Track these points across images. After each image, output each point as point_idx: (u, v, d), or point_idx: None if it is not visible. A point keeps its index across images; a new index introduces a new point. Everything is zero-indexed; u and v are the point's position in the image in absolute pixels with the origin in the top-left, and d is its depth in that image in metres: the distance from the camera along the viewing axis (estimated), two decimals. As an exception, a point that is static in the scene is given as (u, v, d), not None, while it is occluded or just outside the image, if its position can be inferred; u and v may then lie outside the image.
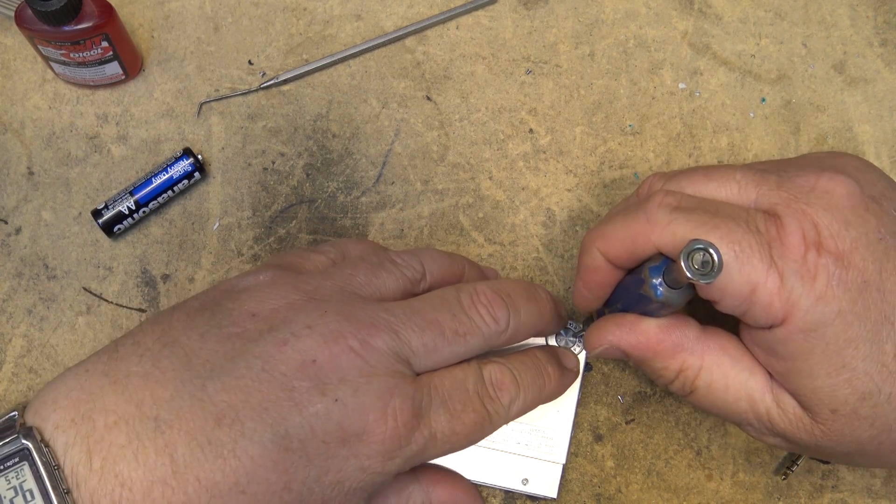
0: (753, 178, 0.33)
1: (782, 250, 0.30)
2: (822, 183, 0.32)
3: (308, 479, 0.28)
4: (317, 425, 0.28)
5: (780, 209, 0.31)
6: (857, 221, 0.31)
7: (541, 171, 0.46)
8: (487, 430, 0.32)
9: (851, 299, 0.30)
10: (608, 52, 0.48)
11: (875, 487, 0.42)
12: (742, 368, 0.33)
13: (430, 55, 0.47)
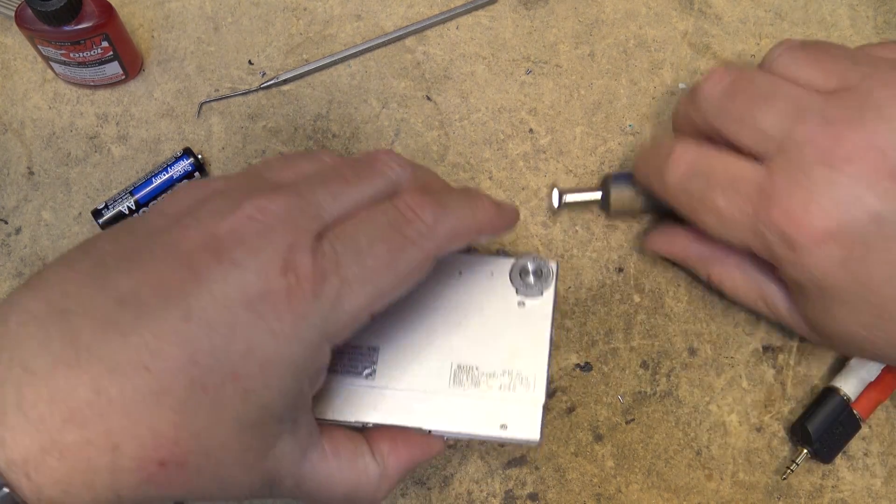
0: (776, 132, 0.34)
1: (768, 220, 0.34)
2: (837, 152, 0.32)
3: (214, 350, 0.27)
4: (216, 291, 0.27)
5: (780, 179, 0.33)
6: (853, 202, 0.32)
7: (541, 171, 0.46)
8: (413, 255, 0.30)
9: (830, 270, 0.33)
10: (608, 52, 0.48)
11: (875, 487, 0.42)
12: (755, 279, 0.38)
13: (430, 55, 0.47)
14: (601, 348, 0.44)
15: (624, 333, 0.44)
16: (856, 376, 0.42)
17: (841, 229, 0.32)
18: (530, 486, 0.42)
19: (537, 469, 0.42)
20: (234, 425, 0.28)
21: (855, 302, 0.32)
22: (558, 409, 0.43)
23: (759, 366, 0.44)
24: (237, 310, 0.27)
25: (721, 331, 0.44)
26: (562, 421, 0.43)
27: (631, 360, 0.43)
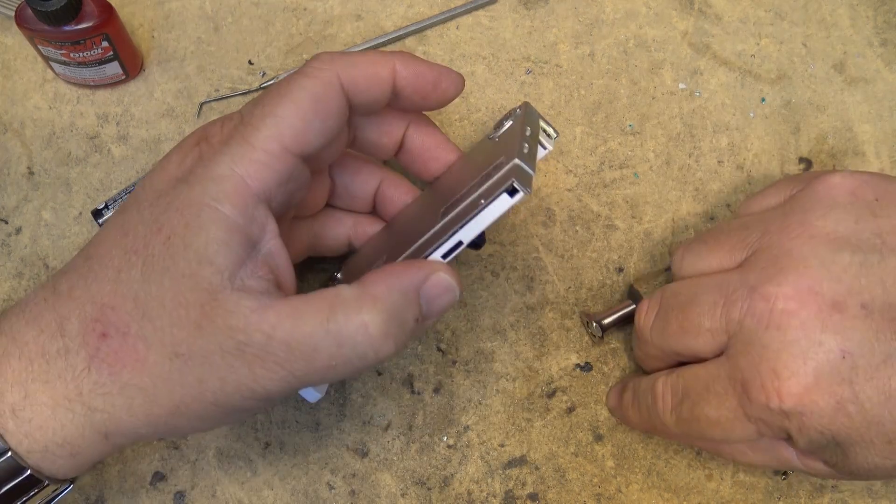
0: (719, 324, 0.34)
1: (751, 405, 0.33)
2: (775, 316, 0.32)
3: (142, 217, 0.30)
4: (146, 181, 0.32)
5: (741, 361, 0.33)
6: (814, 350, 0.32)
7: (541, 171, 0.46)
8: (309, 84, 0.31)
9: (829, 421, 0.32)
10: (608, 52, 0.48)
11: (875, 487, 0.42)
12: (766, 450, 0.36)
13: (430, 55, 0.47)
14: (601, 348, 0.44)
15: (624, 333, 0.44)
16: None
17: (819, 380, 0.32)
18: (530, 486, 0.42)
19: (537, 469, 0.42)
20: (164, 278, 0.29)
21: (867, 438, 0.32)
22: (558, 409, 0.43)
23: (759, 366, 0.44)
24: (161, 183, 0.31)
25: (721, 331, 0.44)
26: (562, 421, 0.43)
27: (631, 360, 0.43)
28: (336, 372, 0.29)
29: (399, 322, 0.29)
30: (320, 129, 0.31)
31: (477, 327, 0.43)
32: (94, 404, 0.29)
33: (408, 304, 0.30)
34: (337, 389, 0.42)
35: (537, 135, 0.36)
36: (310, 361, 0.28)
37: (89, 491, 0.41)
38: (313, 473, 0.41)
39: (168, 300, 0.29)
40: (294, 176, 0.31)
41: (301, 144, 0.31)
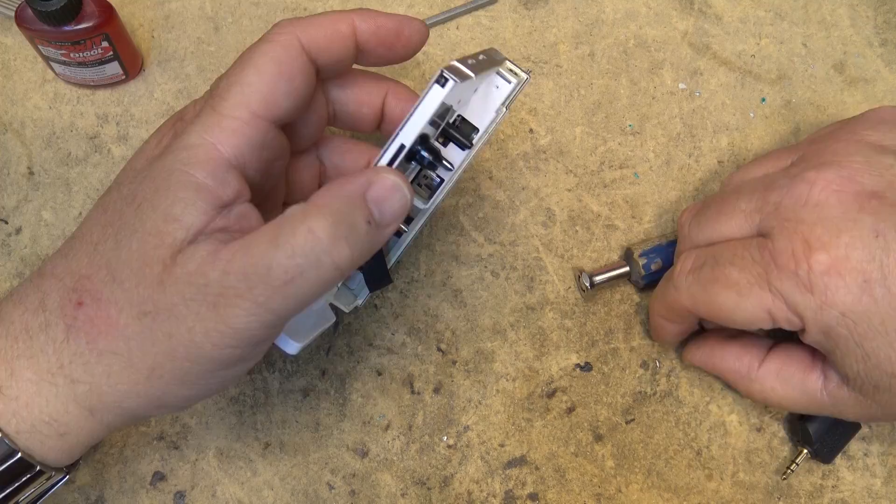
0: (755, 205, 0.36)
1: (778, 272, 0.33)
2: (814, 194, 0.34)
3: (120, 192, 0.31)
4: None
5: (775, 232, 0.34)
6: (849, 226, 0.33)
7: (541, 171, 0.46)
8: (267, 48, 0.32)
9: (853, 300, 0.32)
10: (608, 52, 0.48)
11: (875, 487, 0.42)
12: (797, 378, 0.37)
13: (430, 55, 0.47)
14: (601, 348, 0.44)
15: (624, 333, 0.44)
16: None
17: (849, 254, 0.32)
18: (530, 486, 0.42)
19: (537, 469, 0.42)
20: (133, 240, 0.29)
21: (886, 326, 0.32)
22: (558, 409, 0.43)
23: (759, 366, 0.44)
24: (140, 163, 0.32)
25: (721, 331, 0.44)
26: (562, 421, 0.43)
27: (631, 360, 0.43)
28: (298, 289, 0.28)
29: (348, 225, 0.28)
30: (287, 91, 0.31)
31: (477, 327, 0.43)
32: (74, 375, 0.29)
33: (353, 207, 0.29)
34: (337, 389, 0.42)
35: (494, 62, 0.36)
36: (267, 282, 0.28)
37: (89, 491, 0.41)
38: (313, 473, 0.41)
39: (134, 261, 0.29)
40: (268, 142, 0.31)
41: (270, 108, 0.31)
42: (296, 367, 0.43)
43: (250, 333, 0.28)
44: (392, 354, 0.43)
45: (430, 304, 0.44)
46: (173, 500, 0.41)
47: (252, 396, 0.42)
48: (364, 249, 0.29)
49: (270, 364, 0.43)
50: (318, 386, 0.42)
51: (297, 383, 0.42)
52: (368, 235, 0.29)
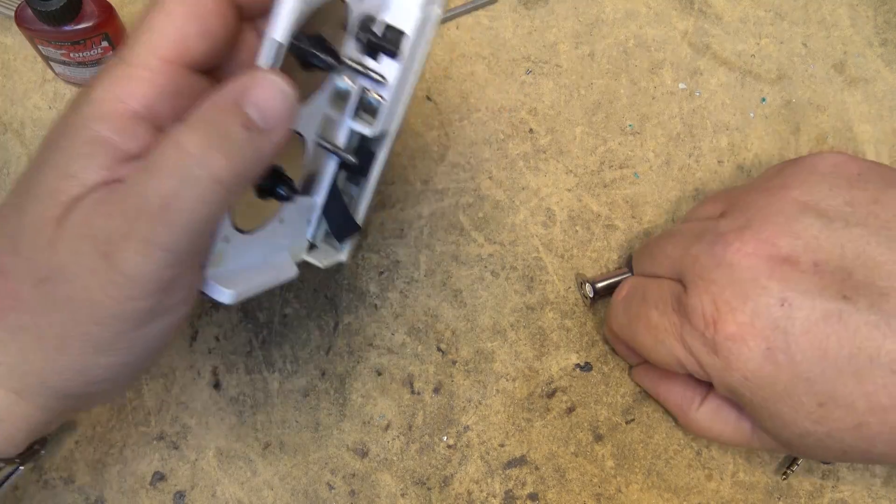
0: (679, 253, 0.37)
1: (690, 328, 0.34)
2: (728, 255, 0.34)
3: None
4: None
5: (689, 288, 0.35)
6: (757, 292, 0.33)
7: (541, 171, 0.46)
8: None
9: (756, 366, 0.33)
10: (608, 52, 0.48)
11: (875, 487, 0.42)
12: (732, 419, 0.38)
13: (429, 55, 0.47)
14: (601, 348, 0.44)
15: (624, 333, 0.44)
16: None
17: (755, 321, 0.32)
18: (530, 486, 0.42)
19: (537, 469, 0.42)
20: (29, 204, 0.27)
21: (794, 394, 0.33)
22: (558, 409, 0.43)
23: (759, 366, 0.44)
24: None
25: (721, 331, 0.44)
26: (562, 421, 0.43)
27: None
28: (179, 214, 0.25)
29: (220, 133, 0.26)
30: (200, 32, 0.28)
31: (477, 327, 0.43)
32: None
33: (226, 113, 0.26)
34: (336, 389, 0.42)
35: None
36: (146, 213, 0.25)
37: (89, 491, 0.41)
38: (313, 473, 0.41)
39: (30, 226, 0.27)
40: (184, 89, 0.28)
41: (182, 53, 0.28)
42: (296, 367, 0.43)
43: (146, 278, 0.26)
44: (392, 354, 0.43)
45: (430, 304, 0.44)
46: (173, 500, 0.41)
47: (252, 396, 0.42)
48: (248, 158, 0.26)
49: (270, 364, 0.43)
50: (318, 386, 0.42)
51: (297, 383, 0.42)
52: (250, 142, 0.26)
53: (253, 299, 0.43)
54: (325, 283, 0.44)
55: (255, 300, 0.43)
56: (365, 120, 0.34)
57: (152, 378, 0.42)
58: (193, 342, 0.43)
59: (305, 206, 0.36)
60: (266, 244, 0.33)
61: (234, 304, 0.31)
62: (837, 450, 0.34)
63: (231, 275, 0.31)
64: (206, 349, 0.42)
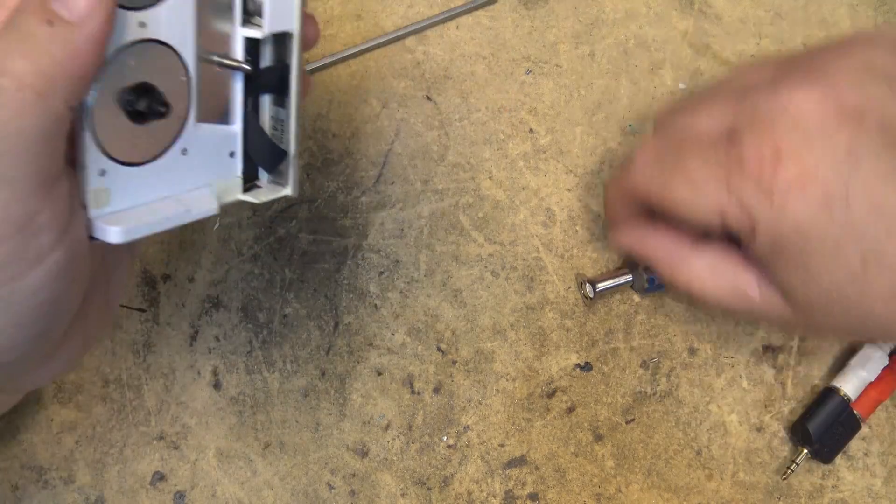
0: (731, 106, 0.35)
1: (741, 173, 0.33)
2: (794, 103, 0.33)
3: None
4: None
5: (746, 134, 0.33)
6: (824, 140, 0.32)
7: (541, 171, 0.46)
8: None
9: (812, 214, 0.32)
10: (608, 52, 0.48)
11: (875, 487, 0.42)
12: (731, 273, 0.36)
13: (430, 55, 0.47)
14: (601, 348, 0.44)
15: (624, 333, 0.44)
16: (856, 376, 0.42)
17: (818, 168, 0.31)
18: (530, 486, 0.42)
19: (537, 469, 0.42)
20: None
21: (838, 247, 0.32)
22: (558, 409, 0.43)
23: (759, 366, 0.44)
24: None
25: (721, 331, 0.44)
26: (562, 421, 0.43)
27: (631, 360, 0.43)
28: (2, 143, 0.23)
29: (19, 35, 0.24)
30: None
31: (477, 327, 0.43)
32: None
33: (24, 14, 0.24)
34: (336, 389, 0.42)
35: None
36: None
37: (89, 491, 0.41)
38: (313, 473, 0.41)
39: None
40: None
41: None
42: (296, 367, 0.43)
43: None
44: (392, 354, 0.43)
45: (430, 304, 0.44)
46: (173, 500, 0.41)
47: (252, 396, 0.42)
48: (57, 56, 0.24)
49: (270, 364, 0.43)
50: (318, 386, 0.42)
51: (297, 383, 0.42)
52: (56, 37, 0.24)
53: (253, 299, 0.43)
54: (325, 283, 0.44)
55: (255, 300, 0.43)
56: (256, 24, 0.31)
57: (152, 378, 0.42)
58: (193, 342, 0.43)
59: (220, 136, 0.32)
60: (171, 179, 0.30)
61: (126, 241, 0.28)
62: (864, 313, 0.33)
63: (126, 215, 0.28)
64: (206, 349, 0.43)
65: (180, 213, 0.29)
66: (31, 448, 0.41)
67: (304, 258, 0.44)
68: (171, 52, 0.28)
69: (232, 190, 0.32)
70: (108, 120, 0.27)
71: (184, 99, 0.29)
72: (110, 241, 0.27)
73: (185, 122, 0.30)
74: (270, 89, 0.33)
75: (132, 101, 0.27)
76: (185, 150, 0.30)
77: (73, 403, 0.42)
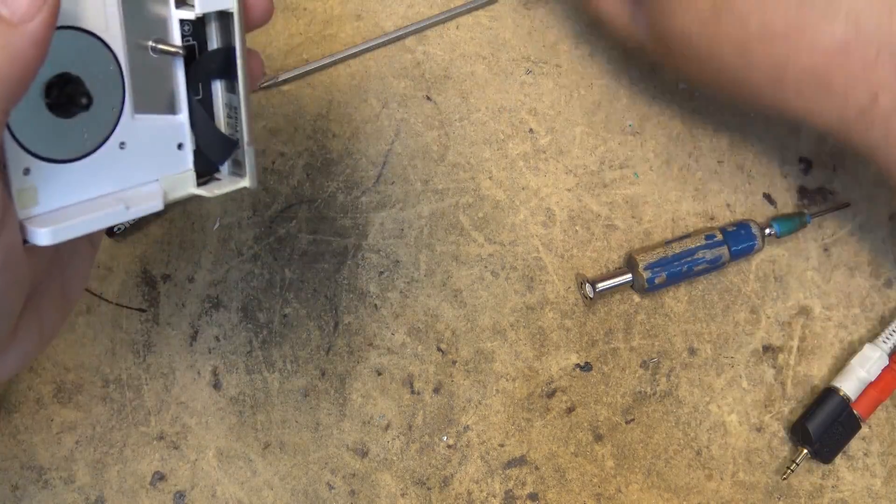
0: None
1: None
2: None
3: None
4: None
5: None
6: None
7: (541, 171, 0.46)
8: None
9: None
10: (608, 52, 0.48)
11: (875, 487, 0.42)
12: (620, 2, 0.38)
13: (430, 55, 0.47)
14: (601, 348, 0.44)
15: (624, 333, 0.44)
16: (855, 376, 0.42)
17: None
18: (530, 486, 0.42)
19: (537, 469, 0.42)
20: None
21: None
22: (558, 409, 0.43)
23: (759, 366, 0.44)
24: None
25: (721, 331, 0.44)
26: (562, 421, 0.43)
27: (631, 360, 0.43)
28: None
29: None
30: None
31: (477, 327, 0.43)
32: None
33: None
34: (336, 389, 0.42)
35: None
36: None
37: (89, 491, 0.41)
38: (313, 473, 0.41)
39: None
40: None
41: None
42: (296, 367, 0.43)
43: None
44: (392, 354, 0.43)
45: (430, 304, 0.44)
46: (173, 500, 0.41)
47: (252, 396, 0.42)
48: (2, 63, 0.22)
49: (270, 364, 0.43)
50: (318, 386, 0.42)
51: (297, 383, 0.42)
52: (16, 36, 0.22)
53: (253, 299, 0.43)
54: (325, 283, 0.44)
55: (255, 300, 0.43)
56: (190, 5, 0.29)
57: (152, 378, 0.42)
58: (193, 342, 0.43)
59: (164, 127, 0.30)
60: (110, 175, 0.28)
61: (55, 243, 0.26)
62: (715, 63, 0.33)
63: (56, 214, 0.27)
64: (206, 349, 0.43)
65: (119, 212, 0.28)
66: (31, 448, 0.41)
67: (304, 258, 0.44)
68: (94, 40, 0.27)
69: (184, 184, 0.30)
70: (28, 114, 0.25)
71: (116, 89, 0.27)
72: (38, 243, 0.26)
73: (120, 114, 0.28)
74: (217, 74, 0.30)
75: (50, 93, 0.26)
76: (123, 144, 0.28)
77: (73, 403, 0.42)
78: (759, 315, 0.44)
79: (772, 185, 0.46)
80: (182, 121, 0.30)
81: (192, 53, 0.30)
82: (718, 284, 0.45)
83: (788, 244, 0.46)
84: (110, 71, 0.27)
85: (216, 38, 0.30)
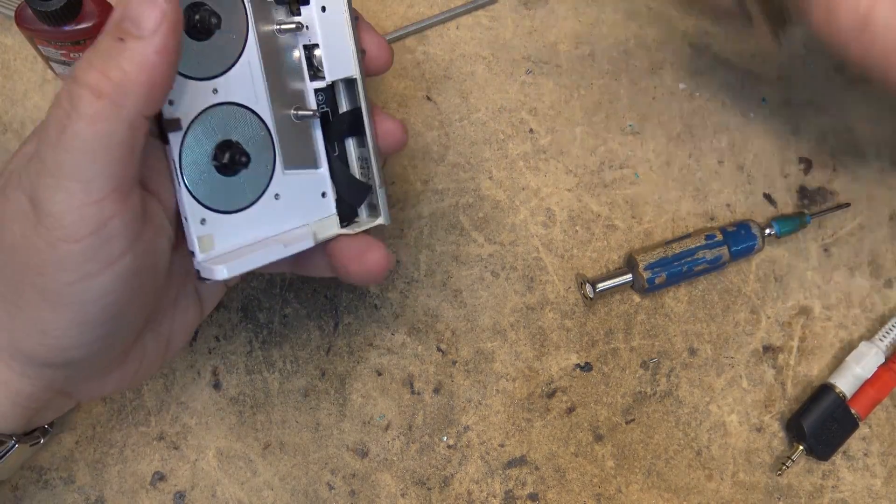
0: None
1: None
2: None
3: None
4: None
5: None
6: None
7: (541, 171, 0.46)
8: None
9: None
10: (608, 52, 0.48)
11: (875, 487, 0.42)
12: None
13: (430, 55, 0.47)
14: (601, 348, 0.44)
15: (624, 333, 0.44)
16: (851, 373, 0.42)
17: None
18: (530, 486, 0.42)
19: (537, 469, 0.42)
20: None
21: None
22: (558, 409, 0.43)
23: (759, 366, 0.44)
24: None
25: (721, 331, 0.44)
26: (562, 421, 0.43)
27: (631, 360, 0.43)
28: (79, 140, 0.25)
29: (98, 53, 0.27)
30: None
31: (477, 327, 0.43)
32: None
33: (104, 35, 0.27)
34: (336, 389, 0.42)
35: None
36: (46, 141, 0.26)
37: (89, 491, 0.41)
38: (313, 473, 0.41)
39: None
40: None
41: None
42: (296, 367, 0.43)
43: (70, 215, 0.26)
44: (392, 354, 0.43)
45: (430, 304, 0.44)
46: (173, 500, 0.41)
47: (252, 396, 0.42)
48: (126, 67, 0.26)
49: (270, 364, 0.43)
50: (318, 386, 0.42)
51: (297, 383, 0.42)
52: (126, 53, 0.26)
53: (253, 299, 0.43)
54: (325, 283, 0.44)
55: (255, 300, 0.43)
56: (321, 77, 0.34)
57: (152, 378, 0.42)
58: (193, 342, 0.43)
59: (310, 180, 0.35)
60: (269, 221, 0.33)
61: (231, 276, 0.31)
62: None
63: (229, 255, 0.32)
64: (206, 349, 0.43)
65: (278, 249, 0.32)
66: (31, 448, 0.41)
67: (304, 258, 0.44)
68: (247, 112, 0.32)
69: (329, 226, 0.35)
70: (201, 175, 0.31)
71: (268, 150, 0.33)
72: (217, 278, 0.31)
73: (273, 171, 0.33)
74: (348, 132, 0.36)
75: (217, 156, 0.31)
76: (278, 195, 0.33)
77: (73, 403, 0.42)
78: (760, 315, 0.44)
79: (772, 185, 0.46)
80: (324, 173, 0.35)
81: (327, 118, 0.35)
82: (718, 284, 0.45)
83: (788, 244, 0.46)
84: (262, 136, 0.33)
85: (345, 101, 0.35)
